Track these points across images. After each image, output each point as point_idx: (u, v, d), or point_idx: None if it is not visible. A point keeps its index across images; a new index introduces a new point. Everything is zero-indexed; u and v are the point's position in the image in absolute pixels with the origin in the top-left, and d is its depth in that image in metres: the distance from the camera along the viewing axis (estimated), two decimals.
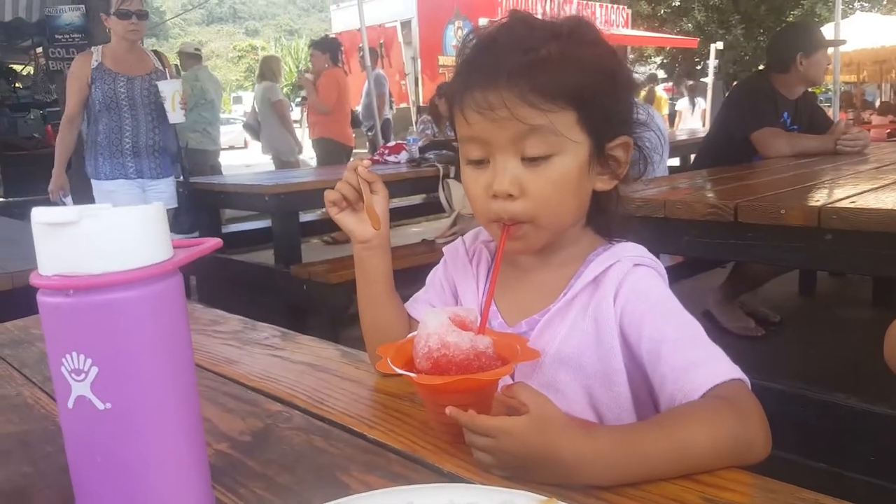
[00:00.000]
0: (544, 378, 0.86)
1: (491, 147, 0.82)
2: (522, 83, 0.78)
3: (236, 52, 54.17)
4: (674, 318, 0.81)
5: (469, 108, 0.82)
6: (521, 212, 0.82)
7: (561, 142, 0.81)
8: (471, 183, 0.86)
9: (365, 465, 0.68)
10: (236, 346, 1.07)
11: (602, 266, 0.86)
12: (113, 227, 0.44)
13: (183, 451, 0.50)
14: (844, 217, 1.59)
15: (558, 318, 0.87)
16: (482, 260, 0.98)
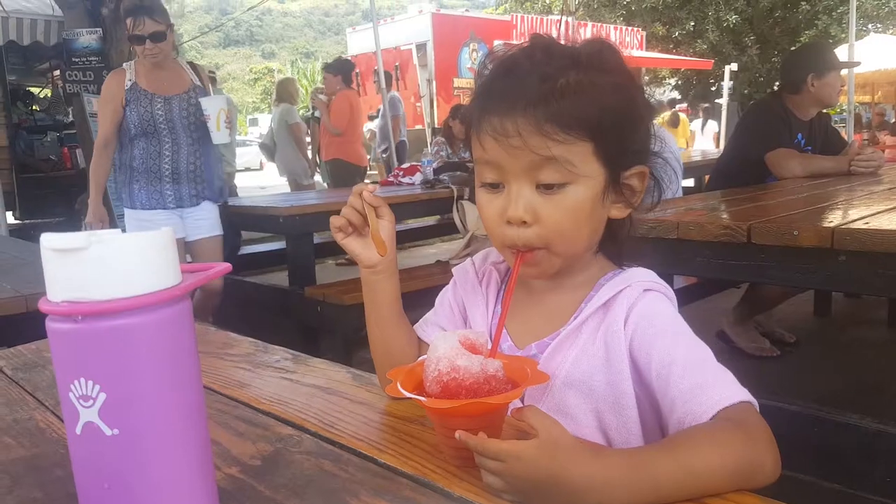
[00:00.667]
0: (554, 401, 0.86)
1: (506, 173, 0.82)
2: (539, 113, 0.78)
3: (252, 74, 54.84)
4: (682, 342, 0.80)
5: (485, 133, 0.82)
6: (534, 239, 0.82)
7: (576, 171, 0.80)
8: (485, 206, 0.86)
9: (375, 490, 0.68)
10: (248, 369, 1.08)
11: (612, 291, 0.86)
12: (121, 252, 0.45)
13: (190, 477, 0.50)
14: (858, 238, 1.57)
15: (568, 342, 0.86)
16: (492, 281, 0.98)
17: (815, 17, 18.45)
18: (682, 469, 0.64)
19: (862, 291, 3.41)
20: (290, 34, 79.57)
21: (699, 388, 0.74)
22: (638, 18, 19.56)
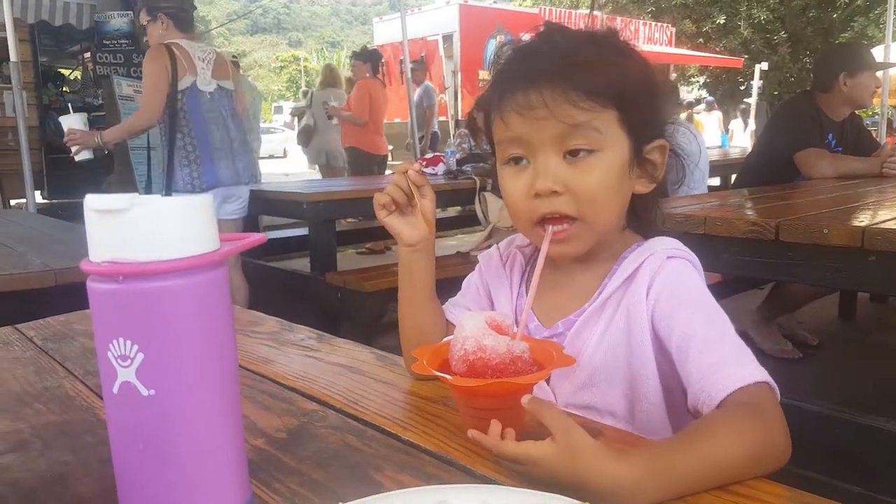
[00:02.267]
0: (581, 376, 0.87)
1: (531, 147, 0.83)
2: (563, 83, 0.80)
3: (279, 62, 55.04)
4: (704, 314, 0.81)
5: (508, 110, 0.83)
6: (566, 207, 0.82)
7: (602, 139, 0.82)
8: (510, 185, 0.86)
9: (398, 465, 0.68)
10: (273, 347, 1.09)
11: (636, 262, 0.86)
12: (163, 215, 0.45)
13: (222, 441, 0.51)
14: (889, 238, 1.55)
15: (594, 318, 0.87)
16: (516, 264, 0.99)
17: (850, 18, 18.12)
18: (707, 462, 0.63)
19: (890, 293, 3.36)
20: (317, 23, 79.76)
21: (716, 367, 0.74)
22: (667, 15, 19.34)
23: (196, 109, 3.37)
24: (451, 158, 5.16)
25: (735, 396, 0.71)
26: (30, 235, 2.66)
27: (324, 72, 7.97)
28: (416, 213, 0.94)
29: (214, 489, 0.51)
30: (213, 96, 3.42)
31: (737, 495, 0.61)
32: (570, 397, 0.88)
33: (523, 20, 16.36)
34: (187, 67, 3.32)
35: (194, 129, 3.37)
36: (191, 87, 3.34)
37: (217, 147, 3.41)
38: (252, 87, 7.19)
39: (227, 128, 3.46)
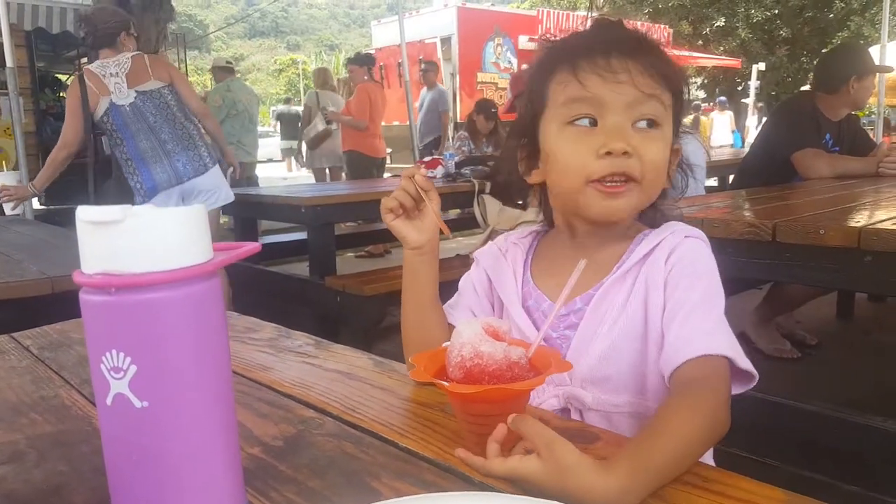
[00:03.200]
0: (600, 348, 0.90)
1: (604, 109, 0.87)
2: (644, 58, 0.88)
3: (277, 65, 55.06)
4: (702, 288, 0.86)
5: (586, 70, 0.88)
6: (633, 168, 0.87)
7: (665, 116, 0.90)
8: (572, 145, 0.89)
9: (396, 473, 0.68)
10: (271, 353, 1.08)
11: (655, 240, 0.92)
12: (156, 226, 0.45)
13: (217, 452, 0.51)
14: (885, 239, 1.55)
15: (614, 290, 0.91)
16: (517, 252, 1.03)
17: (847, 18, 18.15)
18: (679, 447, 0.66)
19: (887, 293, 3.36)
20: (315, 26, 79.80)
21: (688, 336, 0.81)
22: (664, 16, 19.37)
23: (121, 124, 3.49)
24: (450, 161, 5.16)
25: (690, 365, 0.78)
26: (27, 243, 2.66)
27: (318, 74, 7.97)
28: (422, 217, 0.96)
29: (209, 499, 0.51)
30: (135, 105, 3.50)
31: (736, 500, 0.61)
32: (588, 371, 0.91)
33: (521, 22, 16.38)
34: (98, 91, 3.45)
35: (125, 142, 3.51)
36: (110, 107, 3.46)
37: (148, 155, 3.51)
38: (249, 90, 7.19)
39: (157, 131, 3.52)
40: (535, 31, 16.32)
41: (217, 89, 6.76)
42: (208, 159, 3.66)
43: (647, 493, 0.61)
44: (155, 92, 3.55)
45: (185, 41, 13.87)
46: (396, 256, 6.54)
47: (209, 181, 3.65)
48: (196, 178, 3.60)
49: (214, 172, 3.70)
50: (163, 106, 3.56)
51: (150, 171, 3.51)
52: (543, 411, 0.81)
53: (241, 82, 7.29)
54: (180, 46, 11.96)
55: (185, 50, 12.98)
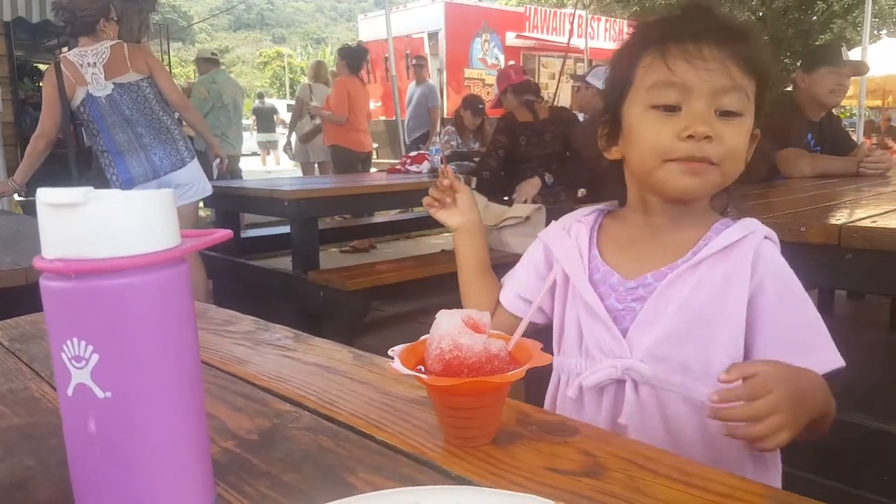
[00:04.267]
0: (664, 329, 0.92)
1: (690, 95, 0.90)
2: (731, 46, 0.89)
3: (262, 58, 54.70)
4: (801, 309, 0.93)
5: (675, 56, 0.90)
6: (713, 153, 0.90)
7: (748, 106, 0.92)
8: (654, 127, 0.92)
9: (372, 467, 0.67)
10: (248, 346, 1.07)
11: (736, 235, 0.93)
12: (119, 210, 0.44)
13: (184, 444, 0.49)
14: (865, 236, 1.56)
15: (688, 274, 0.93)
16: (581, 230, 1.05)
17: (829, 21, 18.29)
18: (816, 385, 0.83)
19: (867, 290, 3.39)
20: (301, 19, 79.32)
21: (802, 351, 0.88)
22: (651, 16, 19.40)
23: (98, 116, 3.45)
24: (436, 156, 5.15)
25: None
26: (3, 234, 2.61)
27: (313, 67, 7.91)
28: (455, 206, 1.15)
29: (176, 494, 0.49)
30: (112, 98, 3.45)
31: (717, 494, 0.60)
32: (648, 349, 0.93)
33: (509, 19, 16.39)
34: (75, 81, 3.40)
35: (101, 133, 3.48)
36: (86, 98, 3.42)
37: (124, 148, 3.49)
38: (234, 83, 7.13)
39: (133, 124, 3.49)
40: (523, 28, 16.34)
41: (202, 81, 6.69)
42: (186, 153, 3.63)
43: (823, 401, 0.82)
44: (133, 85, 3.50)
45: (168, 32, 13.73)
46: (382, 251, 6.52)
47: (186, 175, 3.63)
48: (173, 172, 3.58)
49: (192, 167, 3.67)
50: (140, 99, 3.51)
51: (126, 164, 3.50)
52: (521, 403, 0.80)
53: (227, 74, 7.22)
54: (163, 37, 11.83)
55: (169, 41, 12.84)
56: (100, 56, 3.44)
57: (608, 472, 0.64)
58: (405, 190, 4.60)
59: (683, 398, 0.92)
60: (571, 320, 1.02)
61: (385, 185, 4.63)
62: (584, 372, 0.98)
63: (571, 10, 14.84)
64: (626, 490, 0.61)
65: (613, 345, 0.95)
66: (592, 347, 0.98)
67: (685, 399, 0.92)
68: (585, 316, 0.99)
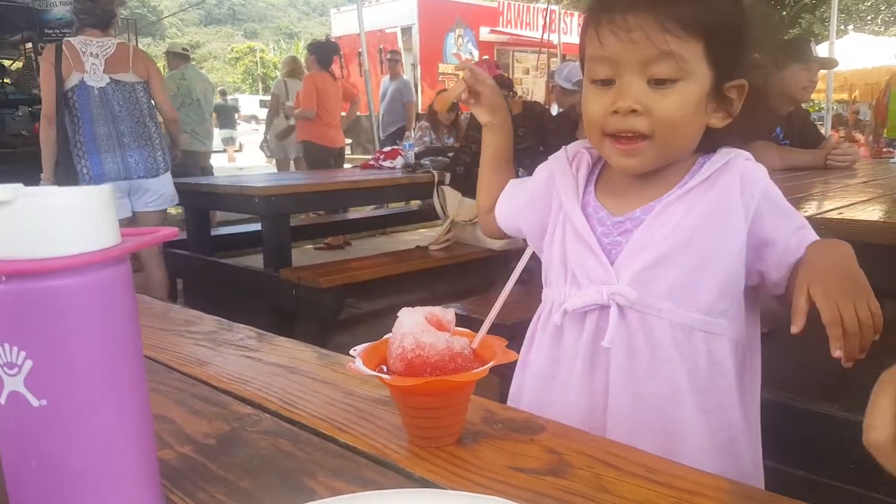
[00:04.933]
0: (652, 255, 0.92)
1: (619, 68, 0.89)
2: (662, 10, 0.86)
3: (234, 53, 54.08)
4: (789, 214, 0.95)
5: (605, 29, 0.89)
6: (640, 126, 0.89)
7: (686, 69, 0.88)
8: (592, 102, 0.93)
9: (333, 471, 0.65)
10: (209, 347, 1.04)
11: (720, 161, 0.95)
12: (52, 208, 0.41)
13: (127, 452, 0.47)
14: (832, 228, 1.58)
15: (676, 204, 0.93)
16: (582, 163, 1.05)
17: (798, 16, 18.53)
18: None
19: None
20: (274, 14, 78.54)
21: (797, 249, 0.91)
22: None
23: (85, 105, 3.45)
24: (410, 152, 5.12)
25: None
26: None
27: (287, 63, 7.82)
28: (483, 101, 1.13)
29: None
30: (105, 91, 3.47)
31: (682, 491, 0.59)
32: (637, 273, 0.93)
33: (482, 14, 16.36)
34: (73, 65, 3.41)
35: (83, 124, 3.47)
36: (79, 84, 3.43)
37: (102, 142, 3.48)
38: (204, 78, 7.03)
39: (118, 122, 3.50)
40: (496, 23, 16.35)
41: (171, 77, 6.57)
42: (162, 164, 3.65)
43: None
44: (129, 85, 3.55)
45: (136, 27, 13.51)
46: (357, 248, 6.47)
47: (158, 184, 3.66)
48: (146, 178, 3.60)
49: (165, 178, 3.70)
50: (132, 100, 3.55)
51: (100, 159, 3.48)
52: (487, 401, 0.79)
53: (196, 70, 7.11)
54: (132, 32, 11.64)
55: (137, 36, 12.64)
56: (104, 49, 3.48)
57: (573, 469, 0.63)
58: (378, 186, 4.57)
59: (670, 323, 0.93)
60: (558, 248, 1.03)
61: (357, 180, 4.59)
62: (569, 298, 0.98)
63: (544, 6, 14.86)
64: (591, 488, 0.60)
65: (601, 272, 0.96)
66: (580, 275, 0.98)
67: (672, 324, 0.93)
68: (573, 241, 1.00)
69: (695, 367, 0.93)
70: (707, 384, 0.94)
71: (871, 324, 0.79)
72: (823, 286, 0.81)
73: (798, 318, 0.81)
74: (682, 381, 0.93)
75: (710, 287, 0.92)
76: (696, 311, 0.93)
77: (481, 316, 0.90)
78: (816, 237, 0.94)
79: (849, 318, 0.79)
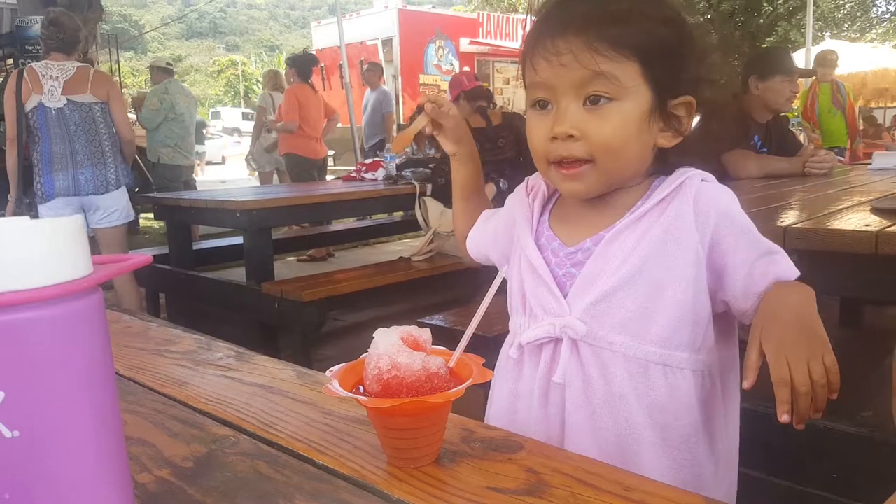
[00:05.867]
0: (605, 286, 0.90)
1: (555, 92, 0.89)
2: (590, 32, 0.86)
3: (216, 66, 53.94)
4: (755, 240, 0.92)
5: (538, 55, 0.90)
6: (580, 151, 0.88)
7: (622, 89, 0.87)
8: (533, 128, 0.93)
9: (311, 493, 0.65)
10: (188, 367, 1.03)
11: (673, 184, 0.91)
12: (21, 239, 0.41)
13: (101, 482, 0.47)
14: (808, 238, 1.59)
15: (627, 232, 0.91)
16: (538, 194, 1.05)
17: (774, 23, 18.78)
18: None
19: None
20: (255, 27, 78.44)
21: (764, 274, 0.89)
22: None
23: (43, 125, 3.64)
24: (391, 163, 5.13)
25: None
26: None
27: (269, 77, 7.82)
28: (448, 134, 1.13)
29: None
30: (63, 112, 3.63)
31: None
32: (588, 306, 0.91)
33: (462, 25, 16.45)
34: (32, 88, 3.61)
35: (41, 142, 3.65)
36: (38, 106, 3.62)
37: (57, 160, 3.65)
38: (187, 92, 7.00)
39: (74, 140, 3.65)
40: (476, 35, 16.43)
41: (154, 92, 6.55)
42: (114, 180, 3.77)
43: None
44: (85, 105, 3.69)
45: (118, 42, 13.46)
46: (340, 260, 6.46)
47: (110, 201, 3.77)
48: (95, 195, 3.73)
49: (118, 194, 3.81)
50: (88, 119, 3.69)
51: (52, 177, 3.65)
52: (466, 419, 0.79)
53: (179, 84, 7.09)
54: (113, 47, 11.59)
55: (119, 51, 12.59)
56: (64, 72, 3.65)
57: (550, 489, 0.63)
58: (360, 198, 4.56)
59: (624, 357, 0.90)
60: (516, 280, 1.02)
61: (339, 192, 4.59)
62: (524, 331, 0.98)
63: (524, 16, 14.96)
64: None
65: (554, 304, 0.94)
66: (535, 307, 0.97)
67: (626, 358, 0.90)
68: (529, 276, 0.99)
69: (653, 402, 0.90)
70: (669, 419, 0.90)
71: (826, 382, 0.77)
72: (776, 340, 0.79)
73: (750, 373, 0.80)
74: (640, 416, 0.90)
75: (665, 318, 0.89)
76: (651, 343, 0.89)
77: (463, 327, 0.91)
78: (787, 264, 0.91)
79: (799, 378, 0.77)
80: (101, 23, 7.36)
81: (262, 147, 7.38)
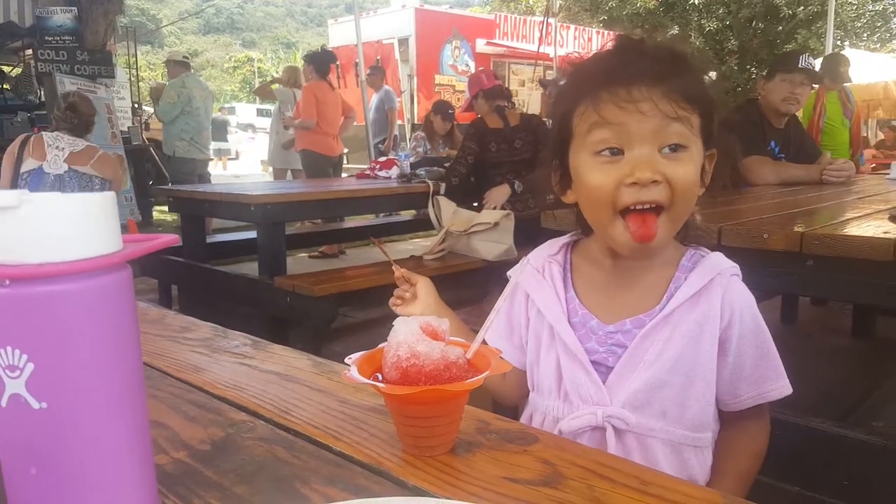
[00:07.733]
0: (643, 378, 0.93)
1: (629, 138, 0.88)
2: (667, 82, 0.88)
3: (232, 62, 54.17)
4: (762, 342, 0.98)
5: (607, 102, 0.88)
6: (660, 196, 0.88)
7: (691, 139, 0.90)
8: (599, 175, 0.91)
9: (327, 478, 0.65)
10: (205, 354, 1.04)
11: (704, 278, 0.95)
12: (56, 214, 0.42)
13: (125, 455, 0.47)
14: (826, 243, 1.59)
15: (663, 324, 0.94)
16: (554, 272, 1.04)
17: (794, 31, 18.68)
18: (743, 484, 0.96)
19: (827, 296, 3.44)
20: (272, 24, 78.75)
21: (758, 381, 0.97)
22: (618, 24, 19.66)
23: (35, 188, 3.65)
24: (405, 162, 5.14)
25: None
26: None
27: (292, 73, 7.82)
28: (416, 298, 1.17)
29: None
30: (62, 178, 3.74)
31: (671, 502, 0.59)
32: (631, 395, 0.95)
33: (479, 26, 16.43)
34: (33, 153, 3.73)
35: None
36: (35, 170, 3.72)
37: None
38: (204, 87, 7.05)
39: None
40: (493, 35, 16.41)
41: (172, 85, 6.59)
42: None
43: None
44: (87, 176, 3.82)
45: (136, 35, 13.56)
46: (351, 257, 6.48)
47: None
48: None
49: None
50: (87, 188, 3.81)
51: None
52: (481, 411, 0.79)
53: (196, 78, 7.14)
54: (131, 40, 11.68)
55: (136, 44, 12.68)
56: (74, 146, 3.79)
57: (567, 480, 0.63)
58: (372, 196, 4.57)
59: (663, 441, 0.95)
60: (551, 362, 1.02)
61: (352, 190, 4.60)
62: (562, 416, 0.99)
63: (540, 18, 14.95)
64: (585, 499, 0.60)
65: (593, 391, 0.96)
66: (571, 392, 0.99)
67: (664, 442, 0.95)
68: (565, 359, 0.99)
69: (689, 478, 0.95)
70: None
71: None
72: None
73: None
74: None
75: (697, 404, 0.96)
76: (685, 428, 0.95)
77: (475, 326, 0.91)
78: (783, 382, 0.99)
79: None
80: (121, 15, 7.40)
81: (279, 144, 7.40)
